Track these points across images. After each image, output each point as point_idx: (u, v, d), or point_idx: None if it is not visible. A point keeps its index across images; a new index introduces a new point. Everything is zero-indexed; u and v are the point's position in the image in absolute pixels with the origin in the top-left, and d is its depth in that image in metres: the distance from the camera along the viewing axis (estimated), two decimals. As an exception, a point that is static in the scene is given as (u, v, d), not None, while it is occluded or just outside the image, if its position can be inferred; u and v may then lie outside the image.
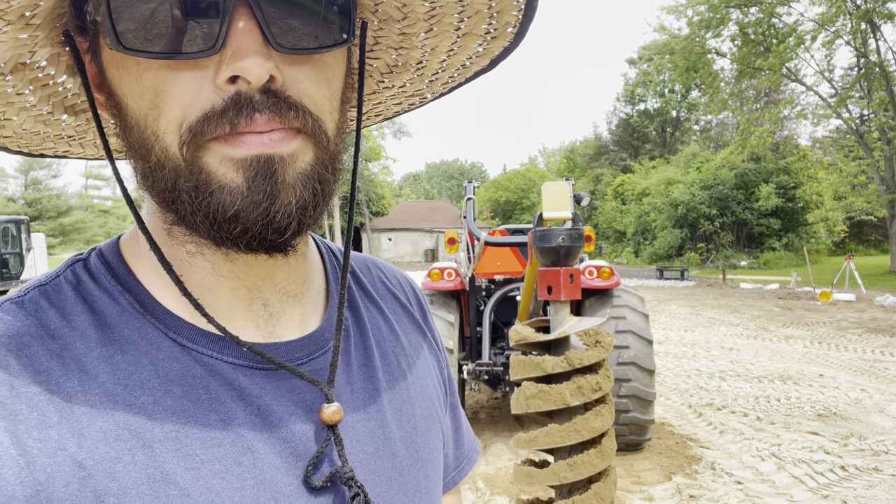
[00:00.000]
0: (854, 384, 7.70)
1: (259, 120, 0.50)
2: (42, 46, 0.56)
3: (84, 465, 0.48)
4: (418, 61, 0.70)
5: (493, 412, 6.72)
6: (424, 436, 0.73)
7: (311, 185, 0.54)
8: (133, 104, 0.52)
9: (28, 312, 0.54)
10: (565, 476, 1.73)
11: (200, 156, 0.51)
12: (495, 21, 0.62)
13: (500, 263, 5.60)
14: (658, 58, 40.86)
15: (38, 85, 0.59)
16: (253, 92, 0.50)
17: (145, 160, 0.53)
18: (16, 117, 0.63)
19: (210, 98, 0.50)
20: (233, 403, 0.56)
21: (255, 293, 0.62)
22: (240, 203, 0.51)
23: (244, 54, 0.48)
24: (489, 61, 0.70)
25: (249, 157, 0.50)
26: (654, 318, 14.11)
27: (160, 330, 0.57)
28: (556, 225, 2.18)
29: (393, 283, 0.85)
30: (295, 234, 0.55)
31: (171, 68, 0.50)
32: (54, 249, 63.11)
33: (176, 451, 0.52)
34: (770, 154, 38.25)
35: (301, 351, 0.63)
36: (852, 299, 16.57)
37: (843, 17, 27.39)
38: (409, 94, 0.77)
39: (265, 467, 0.55)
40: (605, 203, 52.30)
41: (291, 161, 0.52)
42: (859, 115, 31.53)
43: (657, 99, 59.50)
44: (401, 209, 56.37)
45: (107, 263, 0.60)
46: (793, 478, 4.80)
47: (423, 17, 0.62)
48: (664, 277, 28.36)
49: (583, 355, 1.71)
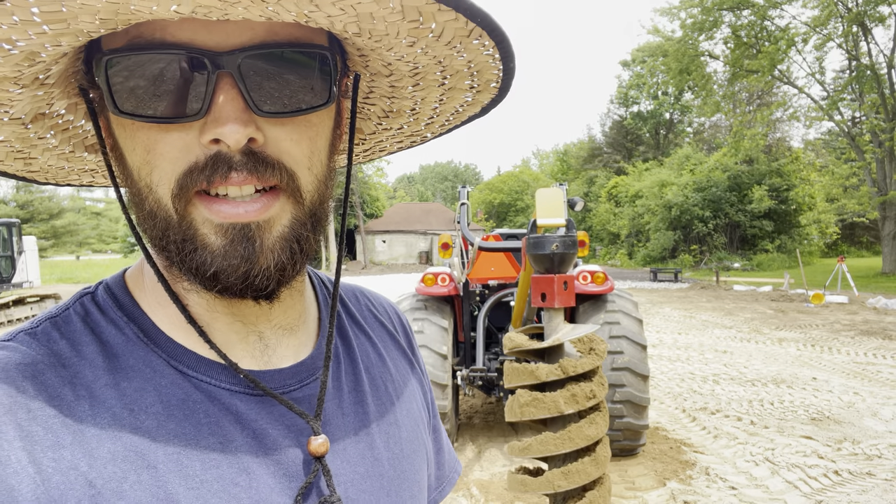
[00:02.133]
0: (847, 387, 7.72)
1: (235, 178, 0.54)
2: (59, 99, 0.61)
3: (94, 483, 0.52)
4: (411, 108, 0.74)
5: (488, 417, 6.70)
6: (410, 457, 0.76)
7: (289, 247, 0.58)
8: (129, 158, 0.58)
9: (41, 343, 0.58)
10: (559, 484, 1.72)
11: (189, 211, 0.55)
12: (477, 78, 0.67)
13: (494, 269, 5.59)
14: (651, 60, 41.02)
15: (58, 130, 0.65)
16: (232, 153, 0.54)
17: (140, 209, 0.59)
18: (41, 157, 0.69)
19: (195, 153, 0.55)
20: (231, 427, 0.60)
21: (250, 328, 0.66)
22: (218, 265, 0.56)
23: (223, 121, 0.53)
24: (480, 108, 0.74)
25: (226, 225, 0.55)
26: (648, 321, 14.13)
27: (163, 358, 0.61)
28: (550, 231, 2.17)
29: (380, 311, 0.90)
30: (275, 289, 0.60)
31: (162, 129, 0.55)
32: (46, 252, 62.76)
33: (178, 472, 0.55)
34: (763, 156, 38.41)
35: (293, 378, 0.67)
36: (845, 301, 16.64)
37: (834, 20, 27.57)
38: (408, 135, 0.82)
39: (260, 488, 0.59)
40: (598, 205, 52.43)
41: (268, 227, 0.57)
42: (851, 118, 31.71)
43: (650, 101, 59.66)
44: (395, 211, 56.28)
45: (113, 296, 0.64)
46: (787, 483, 4.80)
47: (408, 74, 0.67)
48: (658, 280, 28.40)
49: (577, 363, 1.70)
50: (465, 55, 0.61)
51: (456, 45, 0.59)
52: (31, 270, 19.16)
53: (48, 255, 65.64)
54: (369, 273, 39.87)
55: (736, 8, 29.23)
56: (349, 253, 52.48)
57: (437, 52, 0.60)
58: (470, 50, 0.60)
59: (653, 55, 40.25)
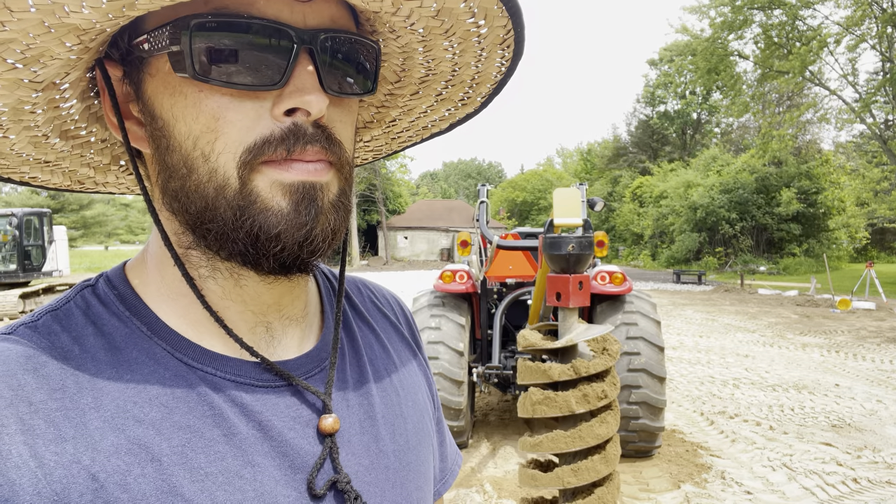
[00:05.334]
0: (870, 395, 7.60)
1: (310, 150, 0.57)
2: (72, 100, 0.62)
3: (97, 477, 0.51)
4: (392, 119, 0.78)
5: (503, 415, 6.73)
6: (416, 449, 0.76)
7: (339, 212, 0.61)
8: (183, 127, 0.57)
9: (42, 336, 0.58)
10: (569, 481, 1.75)
11: (252, 178, 0.56)
12: (472, 91, 0.70)
13: (512, 267, 5.60)
14: (679, 59, 40.52)
15: (50, 106, 0.62)
16: (307, 125, 0.57)
17: (184, 179, 0.58)
18: (79, 169, 0.71)
19: (269, 126, 0.56)
20: (235, 419, 0.60)
21: (259, 317, 0.66)
22: (284, 225, 0.56)
23: (308, 90, 0.55)
24: (448, 125, 0.78)
25: (296, 183, 0.57)
26: (669, 323, 14.01)
27: (166, 350, 0.60)
28: (567, 232, 2.18)
29: (383, 303, 0.90)
30: (322, 255, 0.61)
31: (234, 97, 0.56)
32: (76, 242, 63.96)
33: (182, 465, 0.55)
34: (792, 158, 37.70)
35: (298, 369, 0.67)
36: (872, 308, 16.32)
37: (868, 21, 26.97)
38: (373, 148, 0.87)
39: (265, 479, 0.59)
40: (622, 205, 51.95)
41: (328, 190, 0.59)
42: (884, 121, 31.05)
43: (678, 101, 58.90)
44: (417, 207, 56.35)
45: (114, 288, 0.64)
46: (804, 489, 4.76)
47: (416, 81, 0.69)
48: (681, 281, 28.11)
49: (589, 364, 1.72)
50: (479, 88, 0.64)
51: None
52: (61, 260, 19.55)
53: (78, 245, 66.87)
54: (390, 269, 40.00)
55: (767, 7, 28.72)
56: (371, 248, 52.63)
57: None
58: (481, 82, 0.63)
59: (681, 54, 39.71)
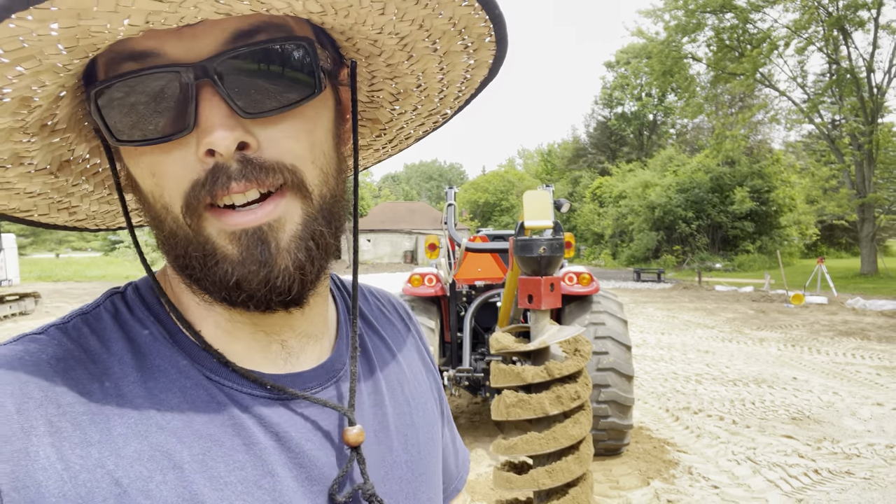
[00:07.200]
0: (827, 387, 7.84)
1: (235, 187, 0.54)
2: (78, 143, 0.63)
3: (120, 482, 0.52)
4: (417, 85, 0.72)
5: (474, 417, 6.72)
6: (426, 459, 0.77)
7: (304, 245, 0.58)
8: (142, 184, 0.58)
9: (72, 338, 0.58)
10: (544, 482, 1.74)
11: (203, 226, 0.56)
12: (467, 36, 0.64)
13: (481, 269, 5.61)
14: (635, 61, 41.35)
15: (88, 175, 0.66)
16: (229, 162, 0.54)
17: (160, 230, 0.59)
18: (81, 203, 0.70)
19: (196, 169, 0.55)
20: (254, 430, 0.60)
21: (272, 337, 0.65)
22: (238, 272, 0.56)
23: (210, 129, 0.53)
24: (487, 70, 0.71)
25: (238, 231, 0.55)
26: (632, 321, 14.23)
27: (188, 360, 0.61)
28: (538, 234, 2.18)
29: (389, 310, 0.90)
30: (301, 292, 0.59)
31: (163, 150, 0.55)
32: (25, 250, 61.78)
33: (203, 473, 0.55)
34: (744, 158, 38.79)
35: (314, 381, 0.67)
36: (824, 302, 16.88)
37: (815, 24, 27.95)
38: (426, 115, 0.79)
39: (284, 490, 0.59)
40: (583, 206, 52.68)
41: (280, 227, 0.57)
42: (831, 121, 32.17)
43: (634, 102, 60.13)
44: (380, 210, 56.12)
45: (141, 296, 0.65)
46: (768, 482, 4.87)
47: (397, 47, 0.65)
48: (641, 280, 28.59)
49: (562, 365, 1.71)
50: (444, 12, 0.59)
51: (428, 3, 0.57)
52: (11, 269, 18.89)
53: (27, 253, 64.61)
54: (354, 272, 39.64)
55: (719, 10, 29.52)
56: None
57: (413, 15, 0.58)
58: (444, 5, 0.57)
59: (637, 57, 40.63)
